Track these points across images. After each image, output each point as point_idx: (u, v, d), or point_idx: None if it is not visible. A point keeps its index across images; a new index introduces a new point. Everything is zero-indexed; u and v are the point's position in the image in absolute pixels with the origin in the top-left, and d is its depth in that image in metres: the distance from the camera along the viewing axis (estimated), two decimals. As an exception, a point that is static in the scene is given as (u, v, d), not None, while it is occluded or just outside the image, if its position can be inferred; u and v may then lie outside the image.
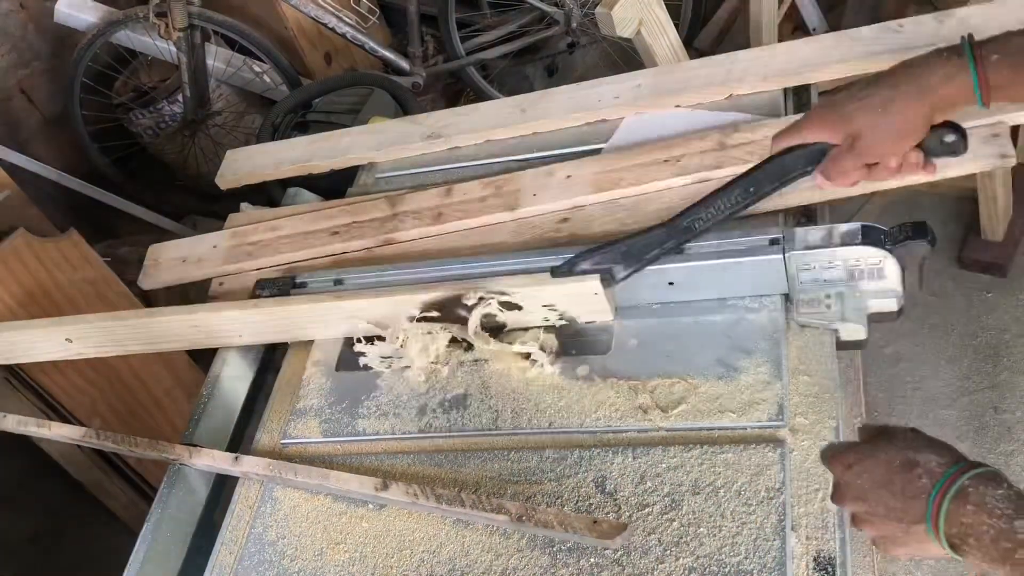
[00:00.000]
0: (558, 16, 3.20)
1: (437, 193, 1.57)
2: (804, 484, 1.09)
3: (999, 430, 2.15)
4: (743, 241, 1.27)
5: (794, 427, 1.13)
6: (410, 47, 3.24)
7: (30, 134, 3.26)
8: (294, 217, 1.65)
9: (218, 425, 1.44)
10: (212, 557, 1.27)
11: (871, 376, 2.28)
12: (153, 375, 2.18)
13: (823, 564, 1.02)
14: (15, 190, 2.07)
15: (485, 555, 1.14)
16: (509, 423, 1.26)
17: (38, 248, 1.97)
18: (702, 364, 1.22)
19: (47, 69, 3.28)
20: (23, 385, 1.97)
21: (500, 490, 1.19)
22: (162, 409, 2.21)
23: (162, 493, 1.36)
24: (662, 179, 1.42)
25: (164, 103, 3.21)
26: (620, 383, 1.24)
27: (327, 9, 3.09)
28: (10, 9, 3.13)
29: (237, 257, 1.62)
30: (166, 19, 2.94)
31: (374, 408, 1.36)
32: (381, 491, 1.20)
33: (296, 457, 1.34)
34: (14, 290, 1.93)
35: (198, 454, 1.34)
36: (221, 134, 3.31)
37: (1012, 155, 1.24)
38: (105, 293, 2.09)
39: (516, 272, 1.34)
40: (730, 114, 1.51)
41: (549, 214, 1.48)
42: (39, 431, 1.46)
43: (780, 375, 1.17)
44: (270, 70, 3.21)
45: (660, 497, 1.11)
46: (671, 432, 1.18)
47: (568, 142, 1.62)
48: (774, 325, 1.22)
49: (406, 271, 1.44)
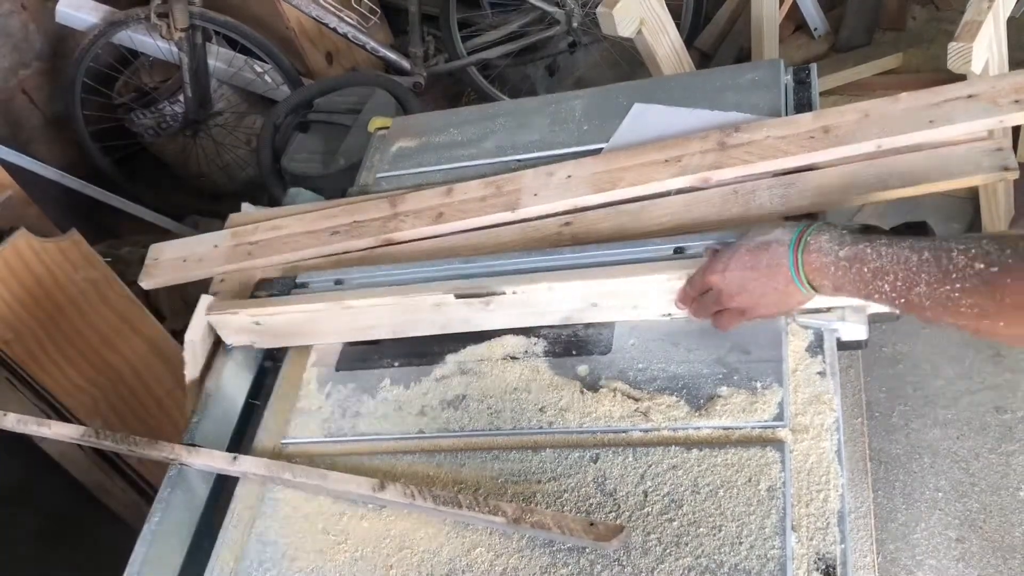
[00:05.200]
0: (559, 16, 3.20)
1: (437, 193, 1.57)
2: (805, 484, 1.08)
3: (1000, 430, 2.14)
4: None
5: (794, 427, 1.13)
6: (411, 47, 3.24)
7: (31, 134, 3.27)
8: (295, 217, 1.65)
9: (219, 425, 1.44)
10: (212, 557, 1.27)
11: (871, 376, 2.28)
12: (154, 375, 2.18)
13: (823, 564, 1.02)
14: (16, 190, 2.07)
15: (485, 555, 1.14)
16: (509, 423, 1.26)
17: (39, 248, 1.97)
18: (702, 364, 1.22)
19: (48, 69, 3.28)
20: (24, 384, 1.97)
21: (500, 490, 1.19)
22: (163, 409, 2.21)
23: (163, 493, 1.36)
24: (662, 179, 1.42)
25: (165, 103, 3.22)
26: (620, 383, 1.24)
27: (328, 9, 3.10)
28: (11, 9, 3.13)
29: (238, 257, 1.62)
30: (167, 19, 2.95)
31: (374, 408, 1.36)
32: (378, 492, 1.20)
33: (296, 457, 1.34)
34: (15, 290, 1.93)
35: (196, 454, 1.34)
36: (222, 134, 3.32)
37: (1015, 167, 1.25)
38: (106, 293, 2.10)
39: (516, 272, 1.34)
40: (731, 114, 1.51)
41: (550, 216, 1.48)
42: (39, 430, 1.46)
43: (780, 376, 1.17)
44: (271, 70, 3.22)
45: (660, 497, 1.11)
46: (671, 432, 1.18)
47: (568, 142, 1.63)
48: (774, 326, 1.22)
49: (406, 271, 1.44)
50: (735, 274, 1.12)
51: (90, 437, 1.42)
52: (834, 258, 1.03)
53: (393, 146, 1.81)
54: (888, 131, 1.32)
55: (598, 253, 1.33)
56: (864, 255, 1.00)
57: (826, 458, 1.10)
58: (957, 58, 1.86)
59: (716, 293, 1.15)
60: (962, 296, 0.91)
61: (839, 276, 1.03)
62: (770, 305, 1.13)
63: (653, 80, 2.01)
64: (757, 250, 1.10)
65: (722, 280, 1.14)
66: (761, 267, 1.10)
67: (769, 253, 1.09)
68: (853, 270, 1.01)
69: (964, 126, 1.29)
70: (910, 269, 0.96)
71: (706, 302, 1.18)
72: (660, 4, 2.18)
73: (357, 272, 1.48)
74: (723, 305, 1.16)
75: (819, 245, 1.04)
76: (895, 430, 2.20)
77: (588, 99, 1.71)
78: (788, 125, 1.41)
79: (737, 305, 1.15)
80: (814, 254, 1.04)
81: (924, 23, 3.24)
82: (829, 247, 1.03)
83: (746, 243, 1.12)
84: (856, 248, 1.01)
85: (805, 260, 1.05)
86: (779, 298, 1.11)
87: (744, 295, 1.13)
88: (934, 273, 0.94)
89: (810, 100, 1.56)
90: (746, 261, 1.11)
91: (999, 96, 1.29)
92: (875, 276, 0.99)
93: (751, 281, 1.11)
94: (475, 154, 1.71)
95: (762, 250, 1.10)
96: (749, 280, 1.11)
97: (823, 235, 1.05)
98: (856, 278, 1.01)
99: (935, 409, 2.23)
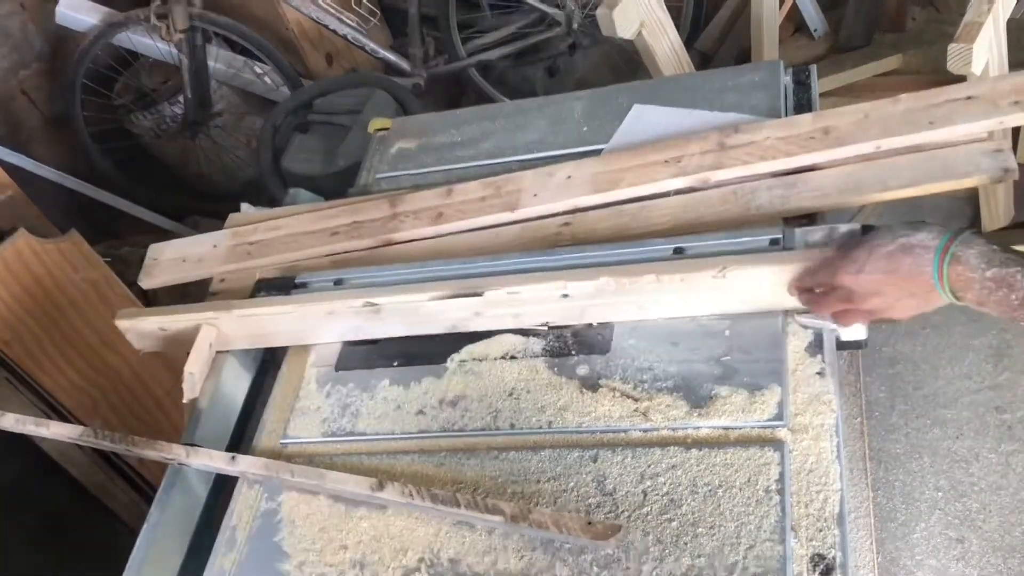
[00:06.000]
0: (559, 17, 3.20)
1: (437, 193, 1.57)
2: (804, 484, 1.08)
3: (1000, 430, 2.14)
4: (743, 241, 1.27)
5: (794, 427, 1.13)
6: (411, 48, 3.24)
7: (31, 135, 3.26)
8: (294, 217, 1.65)
9: (218, 425, 1.44)
10: (212, 557, 1.27)
11: (871, 376, 2.28)
12: (153, 375, 2.19)
13: (823, 564, 1.02)
14: (16, 191, 2.07)
15: (486, 555, 1.14)
16: (508, 423, 1.26)
17: (39, 248, 1.97)
18: (702, 364, 1.22)
19: (48, 70, 3.28)
20: (23, 385, 1.97)
21: (500, 489, 1.19)
22: (162, 409, 2.21)
23: (162, 493, 1.36)
24: (662, 179, 1.42)
25: (165, 104, 3.22)
26: (619, 383, 1.24)
27: (328, 11, 3.10)
28: (11, 10, 3.13)
29: (237, 257, 1.62)
30: (167, 21, 2.95)
31: (374, 408, 1.36)
32: (377, 491, 1.20)
33: (296, 457, 1.34)
34: (15, 290, 1.94)
35: (195, 454, 1.34)
36: (222, 135, 3.32)
37: (1015, 169, 1.25)
38: (106, 293, 2.10)
39: (517, 272, 1.34)
40: (730, 115, 1.51)
41: (550, 216, 1.48)
42: (37, 430, 1.46)
43: (780, 375, 1.17)
44: (271, 71, 3.22)
45: (659, 497, 1.11)
46: (670, 432, 1.17)
47: (568, 142, 1.63)
48: (774, 326, 1.22)
49: (406, 271, 1.44)
50: (872, 277, 1.06)
51: (89, 437, 1.42)
52: (980, 276, 0.98)
53: (393, 147, 1.81)
54: (888, 132, 1.32)
55: (598, 253, 1.34)
56: (1013, 281, 0.96)
57: (825, 458, 1.10)
58: (957, 59, 1.86)
59: (846, 293, 1.10)
60: None
61: (984, 295, 0.99)
62: (906, 309, 1.09)
63: (653, 81, 2.01)
64: (899, 253, 1.04)
65: (856, 282, 1.08)
66: (902, 272, 1.04)
67: (912, 258, 1.03)
68: (1000, 293, 0.97)
69: (964, 127, 1.29)
70: None
71: (830, 300, 1.13)
72: (660, 5, 2.18)
73: (357, 272, 1.48)
74: (854, 305, 1.11)
75: (967, 259, 0.99)
76: (895, 430, 2.20)
77: (588, 100, 1.71)
78: (788, 126, 1.41)
79: (869, 307, 1.10)
80: (961, 266, 0.99)
81: (924, 24, 3.24)
82: (977, 263, 0.99)
83: (884, 243, 1.06)
84: (1006, 271, 0.97)
85: (951, 271, 1.00)
86: (917, 303, 1.07)
87: (879, 298, 1.08)
88: None
89: (810, 101, 1.57)
90: (885, 265, 1.05)
91: (999, 97, 1.29)
92: (1022, 305, 0.96)
93: (889, 286, 1.06)
94: (475, 155, 1.71)
95: (904, 254, 1.04)
96: (887, 284, 1.06)
97: (972, 249, 1.00)
98: (1002, 301, 0.97)
99: (935, 409, 2.22)
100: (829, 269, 1.12)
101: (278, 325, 1.44)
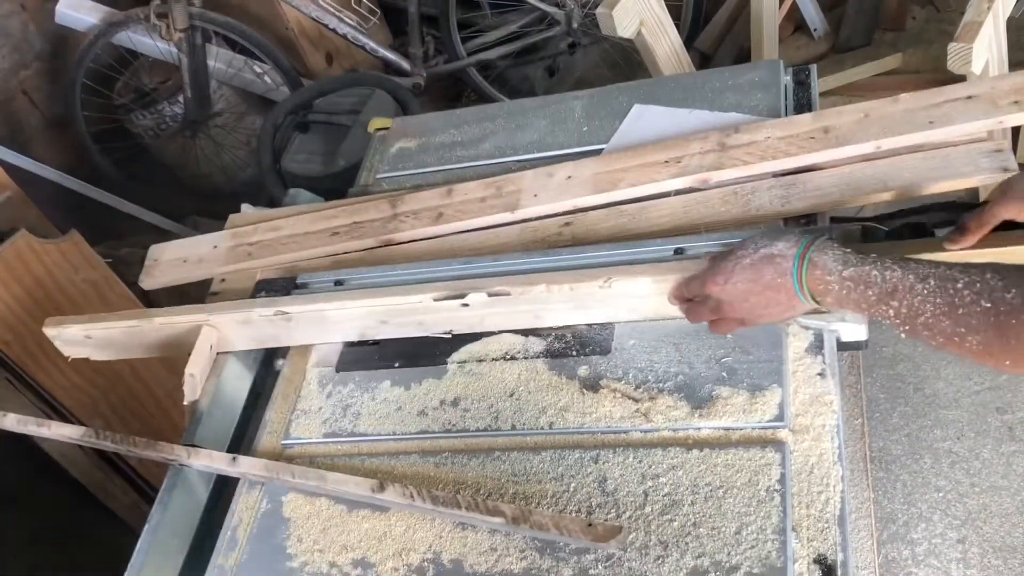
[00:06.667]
0: (559, 16, 3.20)
1: (437, 193, 1.57)
2: (805, 485, 1.08)
3: (1001, 431, 2.14)
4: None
5: (795, 428, 1.13)
6: (411, 48, 3.24)
7: (31, 135, 3.26)
8: (295, 217, 1.65)
9: (219, 426, 1.44)
10: (213, 558, 1.27)
11: (871, 376, 2.27)
12: (154, 375, 2.19)
13: (824, 565, 1.02)
14: (16, 191, 2.07)
15: (487, 556, 1.14)
16: (509, 424, 1.26)
17: (39, 249, 1.97)
18: (702, 365, 1.22)
19: (48, 70, 3.28)
20: (24, 385, 1.97)
21: (501, 490, 1.19)
22: (163, 410, 2.21)
23: (163, 494, 1.36)
24: (662, 180, 1.42)
25: (165, 104, 3.22)
26: (620, 384, 1.24)
27: (328, 10, 3.10)
28: (11, 10, 3.13)
29: (237, 257, 1.62)
30: (167, 20, 2.95)
31: (375, 409, 1.35)
32: (378, 492, 1.20)
33: (297, 458, 1.34)
34: (15, 291, 1.94)
35: (196, 454, 1.34)
36: (222, 135, 3.32)
37: (1015, 168, 1.25)
38: (106, 294, 2.10)
39: (517, 272, 1.34)
40: (730, 115, 1.51)
41: (550, 216, 1.48)
42: (38, 430, 1.46)
43: (781, 376, 1.17)
44: (271, 71, 3.22)
45: (660, 497, 1.11)
46: (671, 433, 1.17)
47: (568, 142, 1.63)
48: (774, 326, 1.22)
49: (406, 271, 1.44)
50: (737, 287, 1.10)
51: (90, 438, 1.42)
52: (837, 277, 1.02)
53: (393, 147, 1.81)
54: (888, 132, 1.32)
55: (598, 254, 1.34)
56: (869, 277, 0.99)
57: (826, 459, 1.10)
58: (957, 59, 1.86)
59: (716, 303, 1.14)
60: (968, 332, 0.91)
61: (843, 295, 1.02)
62: (773, 316, 1.12)
63: (653, 81, 2.01)
64: (760, 263, 1.08)
65: (723, 292, 1.12)
66: (764, 280, 1.08)
67: (773, 267, 1.07)
68: (857, 291, 1.00)
69: (964, 127, 1.29)
70: (915, 297, 0.95)
71: (702, 309, 1.17)
72: (660, 5, 2.18)
73: (357, 273, 1.48)
74: (723, 315, 1.14)
75: (824, 263, 1.03)
76: (896, 430, 2.20)
77: (588, 100, 1.71)
78: (788, 126, 1.41)
79: (737, 315, 1.14)
80: (819, 271, 1.03)
81: (924, 24, 3.24)
82: (833, 266, 1.02)
83: (748, 254, 1.10)
84: (861, 269, 1.00)
85: (809, 277, 1.04)
86: (782, 310, 1.11)
87: (745, 306, 1.12)
88: (939, 304, 0.93)
89: (810, 101, 1.56)
90: (748, 275, 1.09)
91: (999, 97, 1.29)
92: (880, 300, 0.98)
93: (754, 295, 1.10)
94: (475, 155, 1.71)
95: (765, 263, 1.08)
96: (752, 293, 1.10)
97: (826, 254, 1.04)
98: (860, 299, 1.00)
99: (936, 409, 2.22)
100: (700, 280, 1.16)
101: (180, 337, 1.46)
